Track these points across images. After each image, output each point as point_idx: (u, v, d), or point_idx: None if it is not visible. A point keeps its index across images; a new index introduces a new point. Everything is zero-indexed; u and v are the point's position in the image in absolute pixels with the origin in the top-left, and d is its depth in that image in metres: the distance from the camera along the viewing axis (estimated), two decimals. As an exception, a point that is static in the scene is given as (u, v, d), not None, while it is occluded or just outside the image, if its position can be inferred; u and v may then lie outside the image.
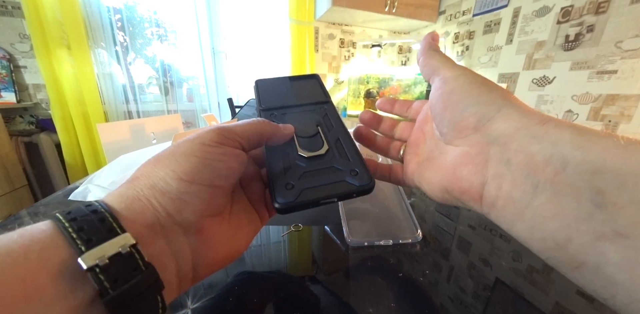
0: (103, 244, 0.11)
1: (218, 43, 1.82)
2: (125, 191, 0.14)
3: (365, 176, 0.17)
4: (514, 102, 0.15)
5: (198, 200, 0.14)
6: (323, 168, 0.18)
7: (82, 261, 0.10)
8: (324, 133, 0.21)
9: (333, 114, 0.23)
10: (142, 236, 0.12)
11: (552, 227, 0.12)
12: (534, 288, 0.25)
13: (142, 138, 1.05)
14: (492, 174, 0.14)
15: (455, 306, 0.23)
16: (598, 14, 1.16)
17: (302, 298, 0.24)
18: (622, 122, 1.13)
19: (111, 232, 0.11)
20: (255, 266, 0.28)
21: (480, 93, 0.15)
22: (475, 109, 0.15)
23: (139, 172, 0.15)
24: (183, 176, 0.14)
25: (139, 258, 0.12)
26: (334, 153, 0.19)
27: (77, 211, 0.12)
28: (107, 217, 0.12)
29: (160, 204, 0.14)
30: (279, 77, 0.26)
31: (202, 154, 0.15)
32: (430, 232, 0.34)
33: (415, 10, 1.88)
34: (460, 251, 0.31)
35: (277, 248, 0.31)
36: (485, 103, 0.15)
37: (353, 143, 0.20)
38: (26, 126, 1.51)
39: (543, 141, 0.12)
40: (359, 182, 0.17)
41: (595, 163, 0.11)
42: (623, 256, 0.10)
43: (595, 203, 0.10)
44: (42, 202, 0.41)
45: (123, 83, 1.61)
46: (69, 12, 1.35)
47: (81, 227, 0.11)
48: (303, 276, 0.27)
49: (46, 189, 1.51)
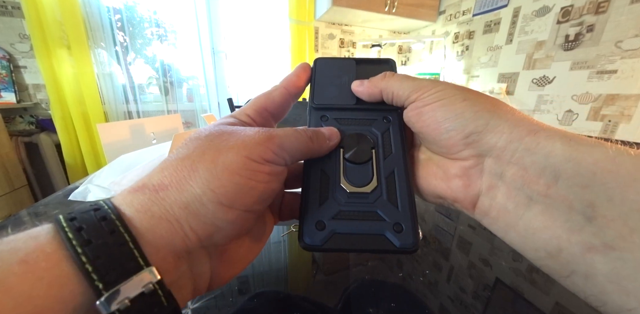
0: (125, 284, 0.09)
1: (218, 43, 1.82)
2: (150, 206, 0.11)
3: (410, 236, 0.14)
4: (502, 113, 0.14)
5: (233, 226, 0.13)
6: (364, 211, 0.15)
7: (102, 306, 0.09)
8: (377, 161, 0.17)
9: (397, 133, 0.18)
10: (166, 265, 0.11)
11: (544, 238, 0.12)
12: (534, 288, 0.25)
13: (142, 138, 1.05)
14: (487, 186, 0.14)
15: (455, 306, 0.23)
16: (598, 14, 1.16)
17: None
18: (622, 122, 1.13)
19: (132, 261, 0.10)
20: (255, 266, 0.28)
21: (463, 109, 0.14)
22: (461, 127, 0.14)
23: (168, 179, 0.12)
24: (223, 199, 0.12)
25: (162, 294, 0.10)
26: (382, 193, 0.16)
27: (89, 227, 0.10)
28: (128, 242, 0.10)
29: (192, 228, 0.12)
30: (345, 58, 0.21)
31: (247, 174, 0.13)
32: (430, 232, 0.34)
33: (415, 10, 1.88)
34: (460, 251, 0.31)
35: (277, 248, 0.31)
36: (470, 119, 0.14)
37: (409, 182, 0.16)
38: (26, 126, 1.51)
39: (535, 153, 0.12)
40: (399, 243, 0.14)
41: (585, 176, 0.11)
42: (611, 267, 0.10)
43: (586, 216, 0.11)
44: (42, 202, 0.41)
45: (123, 83, 1.61)
46: (69, 12, 1.35)
47: (97, 255, 0.09)
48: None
49: (46, 189, 1.51)
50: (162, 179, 0.12)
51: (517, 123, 0.13)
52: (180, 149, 0.14)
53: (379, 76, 0.18)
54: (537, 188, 0.12)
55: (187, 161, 0.13)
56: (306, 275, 0.28)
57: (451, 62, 1.95)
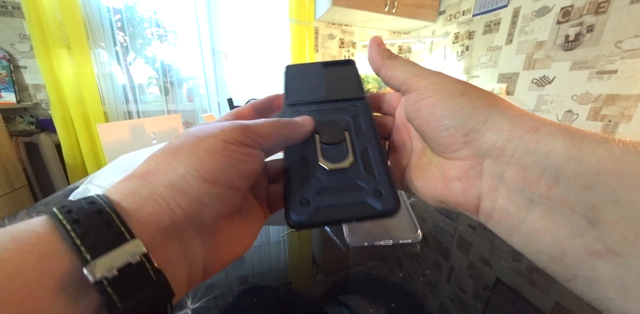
0: (111, 254, 0.10)
1: (218, 43, 1.82)
2: (137, 188, 0.12)
3: (390, 199, 0.15)
4: (501, 109, 0.14)
5: (219, 202, 0.13)
6: (344, 184, 0.16)
7: (89, 273, 0.09)
8: (352, 140, 0.18)
9: (366, 116, 0.20)
10: (154, 241, 0.11)
11: (547, 242, 0.12)
12: (534, 288, 0.25)
13: (142, 138, 1.05)
14: (487, 188, 0.14)
15: (455, 306, 0.23)
16: (598, 14, 1.16)
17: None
18: (622, 122, 1.13)
19: (119, 237, 0.10)
20: (255, 266, 0.28)
21: (462, 105, 0.14)
22: (461, 124, 0.14)
23: (153, 166, 0.13)
24: (207, 175, 0.13)
25: (149, 267, 0.11)
26: (359, 167, 0.17)
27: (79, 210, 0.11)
28: (114, 220, 0.11)
29: (179, 205, 0.12)
30: (311, 63, 0.24)
31: (226, 154, 0.14)
32: (430, 232, 0.34)
33: (415, 10, 1.88)
34: (460, 251, 0.31)
35: (277, 248, 0.31)
36: (469, 115, 0.14)
37: (383, 155, 0.17)
38: (26, 126, 1.51)
39: (535, 153, 0.12)
40: (381, 206, 0.15)
41: (588, 177, 0.11)
42: (615, 273, 0.10)
43: (589, 219, 0.10)
44: (42, 203, 0.41)
45: (123, 83, 1.61)
46: (69, 13, 1.35)
47: (85, 231, 0.10)
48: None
49: (46, 189, 1.51)
50: (148, 167, 0.13)
51: (517, 119, 0.13)
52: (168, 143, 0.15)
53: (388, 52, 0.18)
54: (538, 190, 0.12)
55: (169, 150, 0.14)
56: (306, 275, 0.28)
57: (451, 62, 1.95)
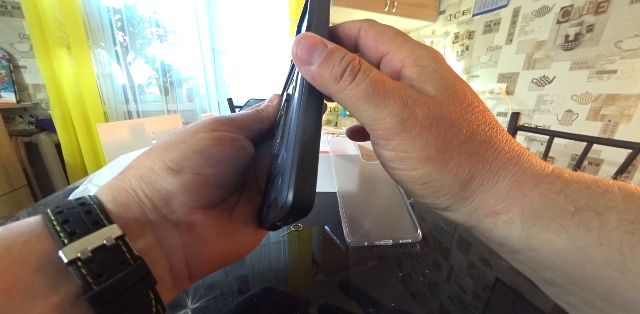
0: (87, 237, 0.11)
1: (218, 43, 1.82)
2: (115, 182, 0.13)
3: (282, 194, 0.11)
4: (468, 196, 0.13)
5: (185, 190, 0.13)
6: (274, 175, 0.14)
7: (63, 253, 0.10)
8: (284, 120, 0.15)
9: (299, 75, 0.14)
10: (129, 229, 0.12)
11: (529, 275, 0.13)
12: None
13: (142, 138, 1.05)
14: None
15: (455, 306, 0.23)
16: (598, 14, 1.16)
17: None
18: (622, 122, 1.13)
19: (97, 224, 0.11)
20: (255, 266, 0.28)
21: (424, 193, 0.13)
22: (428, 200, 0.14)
23: (131, 164, 0.14)
24: (170, 164, 0.13)
25: (126, 251, 0.11)
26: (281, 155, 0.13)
27: (66, 204, 0.12)
28: (95, 209, 0.12)
29: (146, 195, 0.13)
30: None
31: (192, 141, 0.14)
32: (430, 232, 0.34)
33: (415, 10, 1.88)
34: (460, 251, 0.31)
35: (277, 248, 0.31)
36: (431, 202, 0.14)
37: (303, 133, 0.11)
38: (26, 126, 1.51)
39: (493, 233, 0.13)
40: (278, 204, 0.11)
41: (544, 262, 0.11)
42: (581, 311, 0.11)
43: (550, 283, 0.12)
44: (42, 202, 0.41)
45: (123, 83, 1.61)
46: (69, 12, 1.35)
47: (66, 219, 0.11)
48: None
49: (46, 189, 1.51)
50: (129, 165, 0.14)
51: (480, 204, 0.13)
52: None
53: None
54: (501, 251, 0.13)
55: (146, 150, 0.15)
56: (306, 275, 0.28)
57: (451, 62, 1.95)
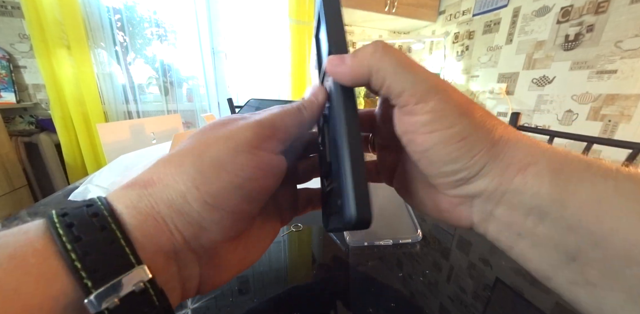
0: (114, 281, 0.09)
1: (218, 43, 1.82)
2: (137, 201, 0.11)
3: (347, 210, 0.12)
4: (499, 150, 0.13)
5: (219, 228, 0.12)
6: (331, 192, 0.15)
7: (90, 305, 0.09)
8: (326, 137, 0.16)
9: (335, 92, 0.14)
10: (155, 263, 0.11)
11: (535, 267, 0.13)
12: (534, 288, 0.25)
13: (142, 138, 1.05)
14: (478, 220, 0.15)
15: (455, 306, 0.23)
16: (598, 14, 1.16)
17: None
18: (622, 122, 1.13)
19: (123, 259, 0.10)
20: (255, 266, 0.28)
21: (459, 153, 0.13)
22: (454, 172, 0.13)
23: (156, 175, 0.12)
24: (208, 198, 0.11)
25: (153, 294, 0.10)
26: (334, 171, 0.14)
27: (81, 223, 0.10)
28: (119, 239, 0.10)
29: (177, 227, 0.11)
30: None
31: (234, 169, 0.12)
32: (430, 232, 0.34)
33: (415, 10, 1.88)
34: (460, 251, 0.31)
35: (277, 248, 0.31)
36: (465, 166, 0.13)
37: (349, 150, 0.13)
38: (26, 126, 1.51)
39: (523, 193, 0.12)
40: (342, 220, 0.13)
41: (571, 220, 0.11)
42: (592, 300, 0.11)
43: (570, 256, 0.11)
44: (42, 202, 0.41)
45: (123, 83, 1.61)
46: (69, 12, 1.35)
47: (87, 252, 0.09)
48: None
49: (46, 189, 1.51)
50: (152, 175, 0.12)
51: (511, 159, 0.13)
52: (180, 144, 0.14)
53: (367, 50, 0.13)
54: (525, 227, 0.12)
55: (176, 157, 0.12)
56: (306, 275, 0.28)
57: (451, 62, 1.95)
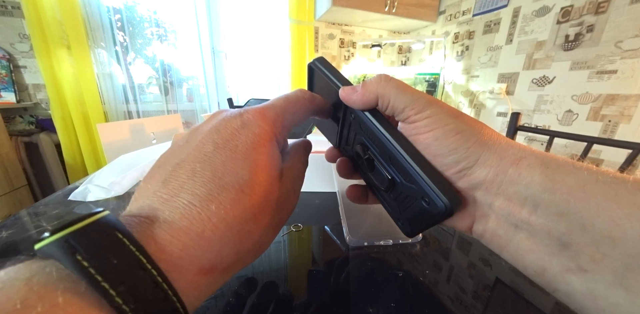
0: None
1: (218, 43, 1.82)
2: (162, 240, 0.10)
3: (438, 201, 0.14)
4: (491, 145, 0.14)
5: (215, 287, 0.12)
6: (404, 198, 0.17)
7: None
8: (377, 157, 0.17)
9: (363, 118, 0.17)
10: None
11: (530, 259, 0.13)
12: (534, 288, 0.25)
13: (142, 138, 1.05)
14: (479, 214, 0.15)
15: (455, 306, 0.23)
16: (598, 14, 1.16)
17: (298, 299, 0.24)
18: (622, 122, 1.13)
19: None
20: (255, 266, 0.28)
21: (457, 145, 0.14)
22: (454, 163, 0.15)
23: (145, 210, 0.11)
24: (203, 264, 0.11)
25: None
26: (400, 179, 0.16)
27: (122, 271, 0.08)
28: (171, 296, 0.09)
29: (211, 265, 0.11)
30: None
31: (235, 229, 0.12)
32: (430, 232, 0.34)
33: (415, 10, 1.88)
34: (460, 251, 0.31)
35: (277, 248, 0.31)
36: (463, 156, 0.14)
37: (406, 154, 0.15)
38: (26, 126, 1.51)
39: (517, 184, 0.13)
40: (436, 211, 0.15)
41: (560, 205, 0.12)
42: (586, 288, 0.12)
43: (562, 242, 0.12)
44: (42, 202, 0.41)
45: (123, 83, 1.61)
46: (69, 12, 1.35)
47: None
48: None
49: (46, 189, 1.51)
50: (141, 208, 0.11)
51: (503, 153, 0.14)
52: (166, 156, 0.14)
53: (373, 81, 0.16)
54: (521, 217, 0.13)
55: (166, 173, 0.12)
56: (306, 275, 0.28)
57: (451, 62, 1.95)
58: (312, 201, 0.42)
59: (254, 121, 0.14)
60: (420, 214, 0.16)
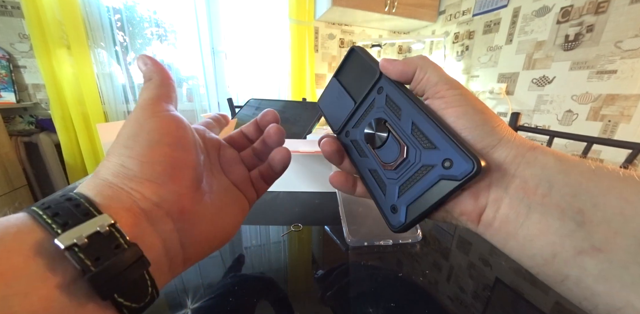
0: (80, 226, 0.11)
1: (218, 43, 1.82)
2: (93, 182, 0.14)
3: (462, 162, 0.14)
4: (511, 132, 0.16)
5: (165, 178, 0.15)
6: (414, 173, 0.16)
7: (59, 241, 0.10)
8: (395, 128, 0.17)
9: (394, 92, 0.18)
10: (122, 218, 0.12)
11: (540, 244, 0.13)
12: (534, 288, 0.25)
13: (142, 138, 1.05)
14: (493, 198, 0.15)
15: (455, 306, 0.23)
16: (598, 14, 1.16)
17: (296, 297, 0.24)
18: (622, 122, 1.13)
19: (87, 215, 0.11)
20: (255, 266, 0.28)
21: (483, 121, 0.15)
22: (479, 138, 0.15)
23: (98, 167, 0.15)
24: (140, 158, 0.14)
25: (119, 236, 0.12)
26: (417, 148, 0.16)
27: (51, 200, 0.12)
28: (83, 203, 0.12)
29: (130, 187, 0.14)
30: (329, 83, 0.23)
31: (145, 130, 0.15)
32: (430, 232, 0.34)
33: (415, 10, 1.88)
34: (460, 251, 0.31)
35: (277, 248, 0.31)
36: (488, 132, 0.15)
37: (433, 120, 0.16)
38: (26, 126, 1.51)
39: (534, 166, 0.14)
40: (458, 173, 0.14)
41: (574, 186, 0.13)
42: (599, 269, 0.11)
43: (576, 221, 0.12)
44: (41, 203, 0.41)
45: (123, 83, 1.61)
46: (69, 12, 1.35)
47: (56, 213, 0.11)
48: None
49: (46, 189, 1.51)
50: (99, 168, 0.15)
51: (521, 140, 0.15)
52: None
53: (414, 57, 0.18)
54: (535, 198, 0.14)
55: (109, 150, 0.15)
56: (306, 275, 0.28)
57: (451, 62, 1.95)
58: (312, 201, 0.42)
59: None
60: (431, 188, 0.15)
